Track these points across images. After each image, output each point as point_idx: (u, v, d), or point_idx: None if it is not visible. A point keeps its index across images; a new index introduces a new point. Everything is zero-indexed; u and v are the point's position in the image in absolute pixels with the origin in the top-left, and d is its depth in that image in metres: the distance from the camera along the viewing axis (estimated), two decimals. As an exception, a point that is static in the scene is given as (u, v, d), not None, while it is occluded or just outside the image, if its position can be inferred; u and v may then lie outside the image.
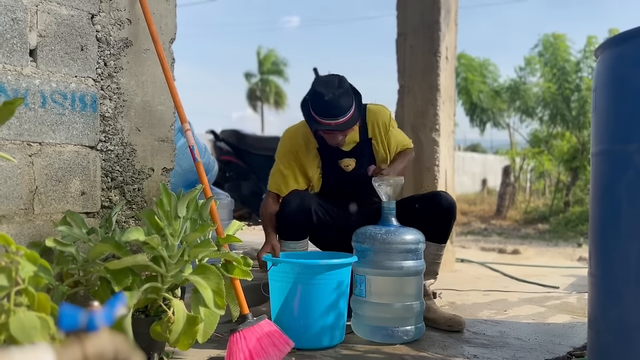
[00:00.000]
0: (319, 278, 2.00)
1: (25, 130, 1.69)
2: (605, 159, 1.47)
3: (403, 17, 4.14)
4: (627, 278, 1.37)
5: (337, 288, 2.03)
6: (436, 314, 2.31)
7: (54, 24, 1.75)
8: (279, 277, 2.05)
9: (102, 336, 0.56)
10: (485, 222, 10.30)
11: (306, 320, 2.00)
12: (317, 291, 2.00)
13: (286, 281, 2.03)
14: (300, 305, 2.01)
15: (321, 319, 2.00)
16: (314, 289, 2.00)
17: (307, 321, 2.00)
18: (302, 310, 2.01)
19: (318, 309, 2.00)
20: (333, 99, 2.23)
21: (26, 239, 1.68)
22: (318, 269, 2.00)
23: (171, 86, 1.96)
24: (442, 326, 2.28)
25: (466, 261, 4.56)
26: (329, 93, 2.23)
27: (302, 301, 2.01)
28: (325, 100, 2.23)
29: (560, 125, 11.09)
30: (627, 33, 1.39)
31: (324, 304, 2.01)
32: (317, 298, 2.00)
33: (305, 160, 2.50)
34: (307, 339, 1.98)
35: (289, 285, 2.02)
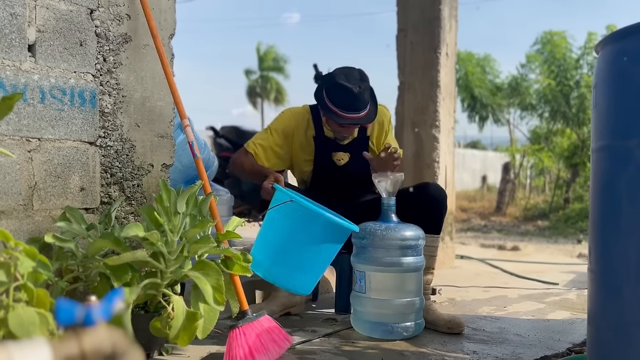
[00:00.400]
0: (321, 229, 1.95)
1: (24, 126, 1.68)
2: (605, 155, 1.47)
3: (403, 13, 4.14)
4: (627, 274, 1.37)
5: (330, 249, 1.99)
6: (435, 316, 2.27)
7: (52, 19, 1.75)
8: (282, 210, 1.98)
9: (99, 331, 0.56)
10: (485, 218, 10.31)
11: (289, 258, 1.93)
12: (313, 240, 1.95)
13: (288, 217, 1.96)
14: (291, 245, 1.95)
15: (303, 266, 1.96)
16: (312, 237, 1.95)
17: (289, 260, 1.93)
18: (290, 249, 1.94)
19: (306, 255, 1.95)
20: (359, 93, 2.24)
21: (25, 235, 1.68)
22: (324, 220, 1.93)
23: (170, 82, 1.95)
24: (442, 328, 2.23)
25: (466, 258, 4.57)
26: (354, 86, 2.24)
27: (294, 242, 1.94)
28: (350, 93, 2.23)
29: (560, 122, 11.08)
30: (628, 29, 1.39)
31: (314, 255, 1.96)
32: (311, 246, 1.95)
33: (297, 145, 2.48)
34: (278, 275, 1.93)
35: (289, 222, 1.95)
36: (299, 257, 1.94)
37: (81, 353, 0.55)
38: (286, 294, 2.36)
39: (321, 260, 2.01)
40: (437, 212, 2.35)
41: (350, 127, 2.35)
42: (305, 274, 1.98)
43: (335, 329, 2.22)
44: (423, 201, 2.33)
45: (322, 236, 1.96)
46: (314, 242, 1.96)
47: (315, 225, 1.93)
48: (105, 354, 0.56)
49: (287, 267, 1.93)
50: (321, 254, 1.99)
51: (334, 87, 2.29)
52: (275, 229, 1.99)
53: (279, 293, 2.37)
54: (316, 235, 1.95)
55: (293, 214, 1.93)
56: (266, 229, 2.01)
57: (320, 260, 2.01)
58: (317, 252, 1.98)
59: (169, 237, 1.65)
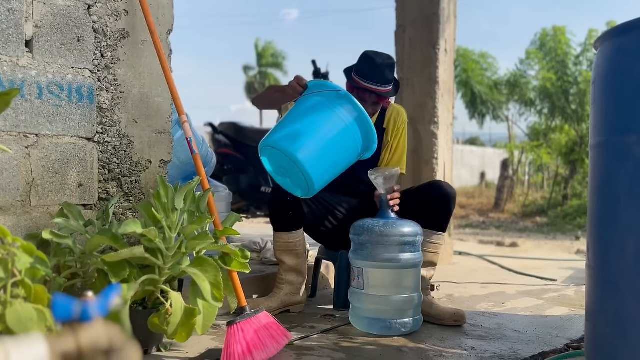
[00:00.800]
0: (349, 120, 2.00)
1: (21, 122, 1.68)
2: (603, 151, 1.47)
3: (402, 9, 4.13)
4: (625, 270, 1.37)
5: (352, 148, 2.04)
6: (439, 310, 2.29)
7: (50, 14, 1.74)
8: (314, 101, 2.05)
9: (96, 326, 0.56)
10: (484, 215, 10.32)
11: (311, 142, 1.95)
12: (346, 134, 2.00)
13: (330, 107, 2.01)
14: (319, 134, 1.97)
15: (326, 157, 1.97)
16: (347, 131, 2.00)
17: (311, 144, 1.95)
18: (323, 142, 1.97)
19: (334, 149, 1.99)
20: (383, 65, 2.35)
21: (23, 231, 1.68)
22: (364, 115, 2.01)
23: (168, 78, 1.95)
24: (448, 321, 2.25)
25: (464, 254, 4.57)
26: (381, 60, 2.36)
27: (321, 130, 1.98)
28: (375, 64, 2.34)
29: (559, 119, 11.09)
30: (627, 24, 1.39)
31: (339, 152, 2.00)
32: (341, 141, 1.99)
33: None
34: (298, 149, 1.92)
35: (328, 112, 2.00)
36: (326, 149, 1.97)
37: (78, 349, 0.54)
38: (287, 292, 2.36)
39: (341, 160, 2.04)
40: (446, 209, 2.35)
41: (369, 102, 2.39)
42: (324, 167, 1.99)
43: (334, 325, 2.23)
44: (434, 198, 2.34)
45: (354, 132, 2.02)
46: (345, 138, 2.01)
47: (352, 122, 2.01)
48: (101, 349, 0.56)
49: (313, 156, 1.94)
50: (344, 154, 2.03)
51: (361, 59, 2.40)
52: (312, 115, 2.02)
53: (279, 291, 2.37)
54: (350, 130, 2.01)
55: (335, 103, 2.01)
56: (303, 114, 2.04)
57: (341, 159, 2.04)
58: (342, 149, 2.02)
59: (167, 234, 1.64)
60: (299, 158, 1.90)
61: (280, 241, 2.35)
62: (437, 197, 2.34)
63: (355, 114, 2.03)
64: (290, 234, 2.34)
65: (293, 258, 2.36)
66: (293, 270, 2.37)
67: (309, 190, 2.01)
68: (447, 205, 2.34)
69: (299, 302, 2.41)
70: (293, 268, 2.37)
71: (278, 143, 1.94)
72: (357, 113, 2.03)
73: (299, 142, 1.93)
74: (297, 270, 2.37)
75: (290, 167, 1.96)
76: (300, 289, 2.39)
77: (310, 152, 1.93)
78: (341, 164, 2.07)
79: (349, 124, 2.01)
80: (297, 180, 2.00)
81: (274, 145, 1.95)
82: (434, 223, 2.34)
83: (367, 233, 2.12)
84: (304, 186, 2.00)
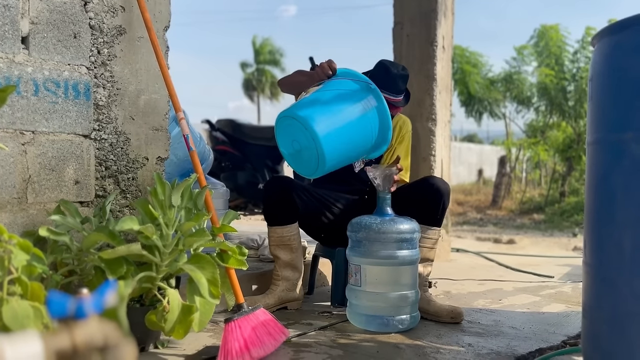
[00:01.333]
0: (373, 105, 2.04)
1: (17, 119, 1.67)
2: (601, 148, 1.47)
3: (400, 6, 4.12)
4: (622, 267, 1.38)
5: (366, 139, 2.05)
6: (437, 307, 2.29)
7: (46, 11, 1.73)
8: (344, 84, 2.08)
9: (91, 324, 0.56)
10: (481, 212, 10.34)
11: (332, 119, 1.96)
12: (359, 118, 2.01)
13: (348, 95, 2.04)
14: (340, 114, 1.99)
15: (339, 132, 1.97)
16: (360, 116, 2.01)
17: (331, 121, 1.95)
18: (337, 116, 1.98)
19: (347, 128, 1.99)
20: (397, 76, 2.41)
21: (19, 228, 1.68)
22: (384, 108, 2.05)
23: (165, 75, 1.94)
24: (445, 318, 2.25)
25: (462, 251, 4.58)
26: (396, 70, 2.41)
27: (343, 112, 2.00)
28: (391, 74, 2.39)
29: (556, 115, 11.10)
30: (624, 21, 1.39)
31: (351, 131, 2.00)
32: (354, 123, 2.01)
33: None
34: (318, 123, 1.92)
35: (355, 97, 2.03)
36: (343, 131, 1.98)
37: (72, 346, 0.54)
38: (283, 288, 2.36)
39: (354, 146, 2.05)
40: (440, 204, 2.36)
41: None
42: (337, 147, 1.98)
43: (331, 322, 2.23)
44: (428, 193, 2.35)
45: (373, 124, 2.05)
46: (363, 126, 2.02)
47: (375, 114, 2.04)
48: (96, 346, 0.55)
49: (330, 133, 1.94)
50: (358, 142, 2.04)
51: (377, 67, 2.44)
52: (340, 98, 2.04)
53: (275, 287, 2.37)
54: (369, 121, 2.04)
55: (362, 93, 2.05)
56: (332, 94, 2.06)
57: (354, 146, 2.05)
58: (358, 136, 2.03)
59: (164, 231, 1.64)
60: (316, 131, 1.90)
61: (275, 236, 2.35)
62: (431, 192, 2.34)
63: (379, 108, 2.05)
64: (284, 227, 2.34)
65: (288, 253, 2.36)
66: (288, 266, 2.37)
67: (317, 168, 1.98)
68: (440, 200, 2.34)
69: (296, 299, 2.41)
70: (288, 263, 2.36)
71: (298, 114, 1.94)
72: (381, 108, 2.06)
73: (320, 117, 1.93)
74: (292, 265, 2.37)
75: (304, 143, 1.95)
76: (296, 284, 2.39)
77: (328, 129, 1.93)
78: (353, 151, 2.06)
79: (370, 114, 2.03)
80: (307, 157, 1.98)
81: (294, 115, 1.95)
82: (428, 218, 2.35)
83: (364, 230, 2.12)
84: (313, 165, 1.98)
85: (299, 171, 2.11)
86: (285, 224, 2.34)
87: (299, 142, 1.98)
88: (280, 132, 2.05)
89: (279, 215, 2.34)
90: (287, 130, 2.01)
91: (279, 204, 2.32)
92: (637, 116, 1.34)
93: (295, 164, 2.10)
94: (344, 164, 2.12)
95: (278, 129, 2.06)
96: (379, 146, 2.14)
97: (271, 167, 5.20)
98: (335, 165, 2.06)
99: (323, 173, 2.03)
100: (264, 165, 5.14)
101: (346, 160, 2.10)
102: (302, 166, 2.06)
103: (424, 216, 2.32)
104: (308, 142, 1.93)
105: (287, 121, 1.98)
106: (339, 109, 2.00)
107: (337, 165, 2.07)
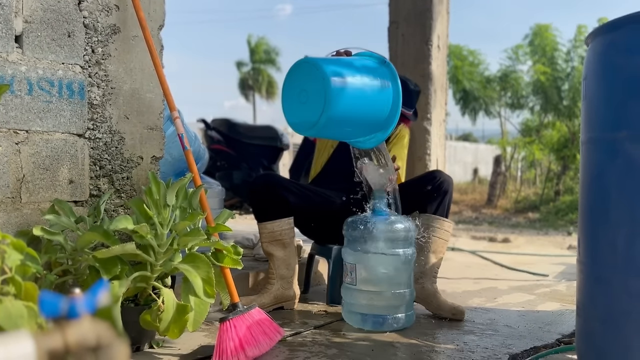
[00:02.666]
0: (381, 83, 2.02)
1: (11, 118, 1.66)
2: (594, 147, 1.47)
3: (395, 6, 4.13)
4: (615, 265, 1.38)
5: (376, 110, 2.02)
6: (440, 301, 2.31)
7: (40, 9, 1.73)
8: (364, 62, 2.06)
9: (83, 323, 0.56)
10: (476, 211, 10.36)
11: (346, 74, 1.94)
12: (373, 88, 1.99)
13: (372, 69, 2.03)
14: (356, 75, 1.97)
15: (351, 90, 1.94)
16: (374, 86, 1.99)
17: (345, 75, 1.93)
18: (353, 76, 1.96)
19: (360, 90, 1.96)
20: (413, 92, 2.51)
21: (13, 228, 1.67)
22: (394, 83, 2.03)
23: (160, 74, 1.93)
24: (446, 314, 2.27)
25: (457, 249, 4.59)
26: (412, 86, 2.51)
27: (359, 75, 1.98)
28: (408, 89, 2.45)
29: (551, 114, 11.14)
30: (618, 20, 1.39)
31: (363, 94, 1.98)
32: (367, 89, 1.98)
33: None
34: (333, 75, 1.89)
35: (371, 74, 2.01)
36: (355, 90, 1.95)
37: (65, 345, 0.54)
38: (279, 287, 2.36)
39: (361, 110, 2.00)
40: (445, 194, 2.39)
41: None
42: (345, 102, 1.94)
43: (327, 321, 2.23)
44: (433, 185, 2.38)
45: (385, 100, 2.02)
46: (375, 97, 2.00)
47: (390, 93, 2.02)
48: (89, 346, 0.55)
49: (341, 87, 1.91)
50: (367, 108, 2.00)
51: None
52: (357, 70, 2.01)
53: (270, 286, 2.37)
54: (383, 96, 2.01)
55: (382, 70, 2.03)
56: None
57: (362, 110, 2.00)
58: (368, 102, 2.00)
59: (159, 230, 1.64)
60: (328, 75, 1.86)
61: (265, 232, 2.34)
62: (438, 184, 2.38)
63: (394, 87, 2.03)
64: (274, 222, 2.33)
65: (280, 249, 2.34)
66: (283, 263, 2.36)
67: (319, 120, 1.91)
68: (445, 190, 2.38)
69: (292, 297, 2.40)
70: (282, 260, 2.35)
71: (317, 60, 1.91)
72: (395, 88, 2.03)
73: (336, 71, 1.90)
74: (286, 262, 2.36)
75: (311, 93, 1.91)
76: (291, 282, 2.39)
77: (341, 81, 1.90)
78: (358, 117, 2.00)
79: (385, 90, 2.01)
80: (310, 109, 1.92)
81: (311, 60, 1.92)
82: (440, 210, 2.38)
83: (360, 229, 2.12)
84: (315, 117, 1.90)
85: (297, 121, 2.01)
86: (274, 219, 2.33)
87: (307, 91, 1.93)
88: (290, 81, 2.00)
89: (267, 210, 2.33)
90: (297, 78, 1.97)
91: (265, 199, 2.32)
92: (630, 115, 1.35)
93: (295, 115, 2.02)
94: (347, 126, 2.05)
95: (288, 79, 2.01)
96: (385, 126, 2.07)
97: (266, 166, 5.20)
98: (339, 121, 1.96)
99: (321, 129, 1.94)
100: (259, 164, 5.14)
101: (348, 125, 2.02)
102: (302, 115, 1.98)
103: (436, 208, 2.37)
104: (315, 94, 1.89)
105: (301, 68, 1.94)
106: (356, 72, 1.98)
107: (340, 125, 1.99)
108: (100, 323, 0.57)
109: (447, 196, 2.39)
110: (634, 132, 1.34)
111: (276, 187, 2.32)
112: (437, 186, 2.37)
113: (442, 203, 2.38)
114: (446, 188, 2.38)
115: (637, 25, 1.35)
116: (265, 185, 2.32)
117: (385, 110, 2.03)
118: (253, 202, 2.37)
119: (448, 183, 2.40)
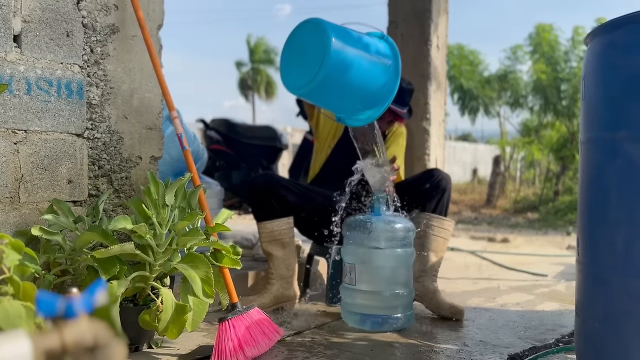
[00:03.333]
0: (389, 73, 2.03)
1: (10, 118, 1.66)
2: (593, 146, 1.47)
3: (394, 6, 4.13)
4: (615, 265, 1.38)
5: (373, 79, 2.00)
6: (439, 300, 2.32)
7: (38, 9, 1.72)
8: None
9: (80, 323, 0.56)
10: (476, 211, 10.36)
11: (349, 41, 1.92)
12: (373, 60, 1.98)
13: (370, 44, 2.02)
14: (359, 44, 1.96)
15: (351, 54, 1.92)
16: (374, 61, 1.99)
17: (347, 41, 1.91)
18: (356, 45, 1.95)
19: (360, 57, 1.94)
20: (405, 90, 2.50)
21: (12, 228, 1.67)
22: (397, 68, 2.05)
23: (158, 73, 1.93)
24: (446, 312, 2.28)
25: (456, 249, 4.58)
26: (404, 85, 2.50)
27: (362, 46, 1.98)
28: (401, 88, 2.40)
29: (550, 114, 11.15)
30: (617, 20, 1.39)
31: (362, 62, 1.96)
32: (367, 58, 1.97)
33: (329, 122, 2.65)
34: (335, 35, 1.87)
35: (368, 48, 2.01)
36: (355, 56, 1.93)
37: (62, 345, 0.54)
38: (278, 287, 2.36)
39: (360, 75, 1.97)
40: (444, 192, 2.40)
41: (386, 120, 2.53)
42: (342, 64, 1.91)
43: (326, 321, 2.23)
44: (431, 183, 2.38)
45: (383, 74, 2.02)
46: (373, 67, 1.99)
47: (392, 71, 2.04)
48: (86, 346, 0.55)
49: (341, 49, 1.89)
50: (365, 75, 1.98)
51: None
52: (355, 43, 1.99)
53: (270, 286, 2.37)
54: (383, 70, 2.02)
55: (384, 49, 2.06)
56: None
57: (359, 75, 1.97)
58: (367, 70, 1.98)
59: (158, 230, 1.64)
60: (330, 35, 1.83)
61: (265, 231, 2.34)
62: (436, 182, 2.39)
63: (395, 64, 2.05)
64: (274, 222, 2.33)
65: (279, 248, 2.34)
66: (282, 263, 2.36)
67: (314, 78, 1.87)
68: (443, 188, 2.39)
69: (292, 297, 2.40)
70: (282, 260, 2.35)
71: (320, 20, 1.89)
72: (395, 66, 2.05)
73: (339, 34, 1.88)
74: (286, 262, 2.36)
75: (311, 53, 1.88)
76: (291, 282, 2.39)
77: (341, 45, 1.87)
78: (354, 83, 1.96)
79: (383, 65, 2.01)
80: (307, 69, 1.89)
81: (315, 20, 1.90)
82: (439, 209, 2.39)
83: (359, 229, 2.12)
84: (312, 75, 1.87)
85: (292, 80, 1.98)
86: (273, 218, 2.33)
87: (307, 52, 1.91)
88: (291, 41, 1.98)
89: (266, 209, 2.33)
90: (299, 40, 1.95)
91: (264, 199, 2.32)
92: (629, 115, 1.35)
93: (291, 76, 1.98)
94: (337, 98, 2.02)
95: (290, 40, 1.98)
96: (376, 103, 2.04)
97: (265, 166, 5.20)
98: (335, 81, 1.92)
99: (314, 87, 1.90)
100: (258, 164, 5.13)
101: (341, 91, 1.98)
102: (299, 76, 1.94)
103: (435, 206, 2.38)
104: (314, 55, 1.86)
105: (305, 28, 1.92)
106: (358, 40, 1.98)
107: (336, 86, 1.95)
108: (98, 323, 0.57)
109: (446, 194, 2.40)
110: (633, 132, 1.34)
111: (275, 186, 2.31)
112: (435, 184, 2.38)
113: (441, 201, 2.39)
114: (444, 186, 2.39)
115: (636, 25, 1.35)
116: (264, 184, 2.32)
117: (380, 84, 2.01)
118: (252, 202, 2.37)
119: (446, 181, 2.41)
